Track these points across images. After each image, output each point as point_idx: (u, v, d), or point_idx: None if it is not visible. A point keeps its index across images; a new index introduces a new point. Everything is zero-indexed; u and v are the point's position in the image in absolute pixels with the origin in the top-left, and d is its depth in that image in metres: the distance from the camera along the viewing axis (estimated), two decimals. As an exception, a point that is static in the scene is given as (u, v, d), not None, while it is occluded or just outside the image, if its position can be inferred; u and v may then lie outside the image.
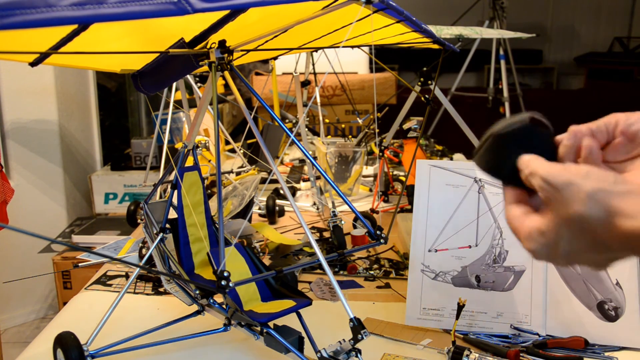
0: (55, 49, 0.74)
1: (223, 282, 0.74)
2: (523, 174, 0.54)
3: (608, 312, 1.02)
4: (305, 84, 2.00)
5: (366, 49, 1.43)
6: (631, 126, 0.56)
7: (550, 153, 0.55)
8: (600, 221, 0.48)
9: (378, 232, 0.86)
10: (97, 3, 0.53)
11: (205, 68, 0.84)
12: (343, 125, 2.82)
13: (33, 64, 0.86)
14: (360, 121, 2.24)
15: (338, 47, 1.04)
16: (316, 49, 1.29)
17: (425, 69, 1.50)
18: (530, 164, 0.53)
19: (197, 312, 1.00)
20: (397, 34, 0.95)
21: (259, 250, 1.45)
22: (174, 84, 1.81)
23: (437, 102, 1.49)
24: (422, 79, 1.50)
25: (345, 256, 0.94)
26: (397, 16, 0.83)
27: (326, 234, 1.59)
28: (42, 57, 0.84)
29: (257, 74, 3.29)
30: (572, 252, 0.52)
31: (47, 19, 0.50)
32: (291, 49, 1.09)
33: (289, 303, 0.89)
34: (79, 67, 1.06)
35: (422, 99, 1.35)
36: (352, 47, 1.14)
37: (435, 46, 1.06)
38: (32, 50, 0.78)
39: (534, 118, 0.55)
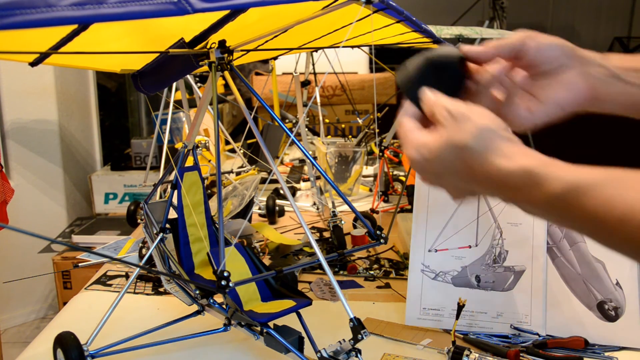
0: (55, 49, 0.74)
1: (223, 282, 0.74)
2: (424, 104, 0.63)
3: (608, 312, 1.02)
4: (305, 84, 2.00)
5: (366, 49, 1.43)
6: (537, 57, 0.66)
7: (458, 86, 0.67)
8: (479, 154, 0.56)
9: (378, 232, 0.86)
10: (97, 3, 0.53)
11: (206, 68, 0.84)
12: (343, 125, 2.82)
13: (33, 64, 0.86)
14: (360, 121, 2.24)
15: (338, 47, 1.04)
16: (316, 49, 1.29)
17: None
18: (437, 97, 0.62)
19: (197, 312, 1.00)
20: (397, 34, 0.95)
21: (259, 250, 1.45)
22: (174, 84, 1.81)
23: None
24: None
25: (345, 256, 0.94)
26: (397, 16, 0.83)
27: (326, 234, 1.59)
28: (42, 57, 0.84)
29: (257, 74, 3.29)
30: (444, 173, 0.60)
31: (47, 19, 0.50)
32: (291, 49, 1.09)
33: (289, 303, 0.89)
34: (79, 67, 1.06)
35: None
36: (352, 47, 1.14)
37: (435, 46, 1.06)
38: (32, 50, 0.78)
39: (463, 57, 0.66)
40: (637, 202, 0.47)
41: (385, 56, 1.77)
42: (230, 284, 0.74)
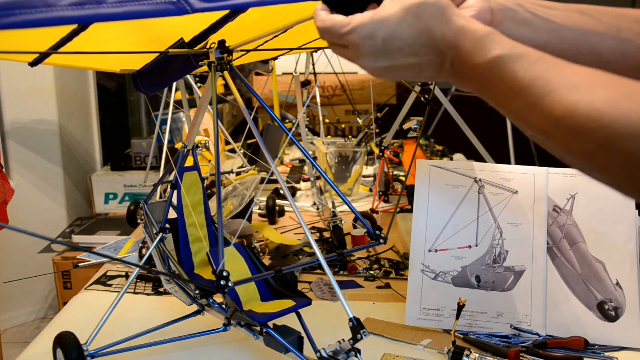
0: (55, 48, 0.74)
1: (222, 282, 0.74)
2: None
3: (608, 312, 1.02)
4: (305, 84, 2.00)
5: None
6: None
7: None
8: (439, 11, 0.59)
9: (377, 232, 0.86)
10: (96, 3, 0.53)
11: (205, 68, 0.83)
12: (343, 125, 2.82)
13: (33, 63, 0.86)
14: (360, 121, 2.24)
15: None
16: (316, 49, 1.29)
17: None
18: None
19: (197, 312, 1.00)
20: None
21: (259, 250, 1.45)
22: (174, 84, 1.81)
23: (437, 102, 1.49)
24: (422, 79, 1.50)
25: (344, 256, 0.94)
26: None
27: (326, 234, 1.59)
28: (41, 57, 0.84)
29: (257, 74, 3.29)
30: (396, 36, 0.60)
31: (46, 18, 0.50)
32: (291, 49, 1.09)
33: (288, 303, 0.89)
34: (79, 67, 1.06)
35: (422, 99, 1.35)
36: None
37: None
38: (31, 50, 0.78)
39: None
40: (555, 84, 0.50)
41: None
42: (230, 284, 0.74)
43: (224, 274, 0.74)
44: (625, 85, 0.48)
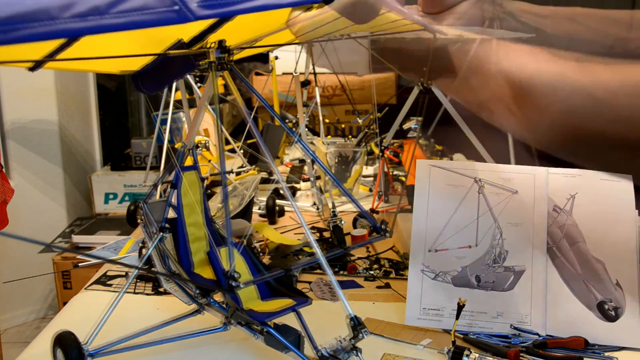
0: (54, 54, 0.74)
1: (233, 283, 0.73)
2: None
3: (608, 312, 1.02)
4: (305, 84, 2.00)
5: (364, 42, 1.43)
6: None
7: None
8: None
9: (383, 226, 0.86)
10: (98, 14, 0.52)
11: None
12: (343, 125, 2.82)
13: (32, 68, 0.86)
14: (360, 121, 2.24)
15: (333, 39, 1.03)
16: (312, 41, 1.29)
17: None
18: None
19: (196, 312, 1.00)
20: (388, 21, 0.95)
21: (259, 250, 1.45)
22: (174, 84, 1.81)
23: (436, 102, 1.49)
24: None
25: (348, 251, 0.94)
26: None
27: (326, 234, 1.59)
28: (40, 63, 0.84)
29: (257, 73, 3.29)
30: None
31: (50, 32, 0.50)
32: (289, 44, 1.08)
33: (288, 302, 0.89)
34: (79, 70, 1.07)
35: (419, 86, 1.34)
36: (347, 37, 1.14)
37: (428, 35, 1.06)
38: (30, 59, 0.78)
39: None
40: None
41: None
42: (242, 285, 0.74)
43: (235, 275, 0.74)
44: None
